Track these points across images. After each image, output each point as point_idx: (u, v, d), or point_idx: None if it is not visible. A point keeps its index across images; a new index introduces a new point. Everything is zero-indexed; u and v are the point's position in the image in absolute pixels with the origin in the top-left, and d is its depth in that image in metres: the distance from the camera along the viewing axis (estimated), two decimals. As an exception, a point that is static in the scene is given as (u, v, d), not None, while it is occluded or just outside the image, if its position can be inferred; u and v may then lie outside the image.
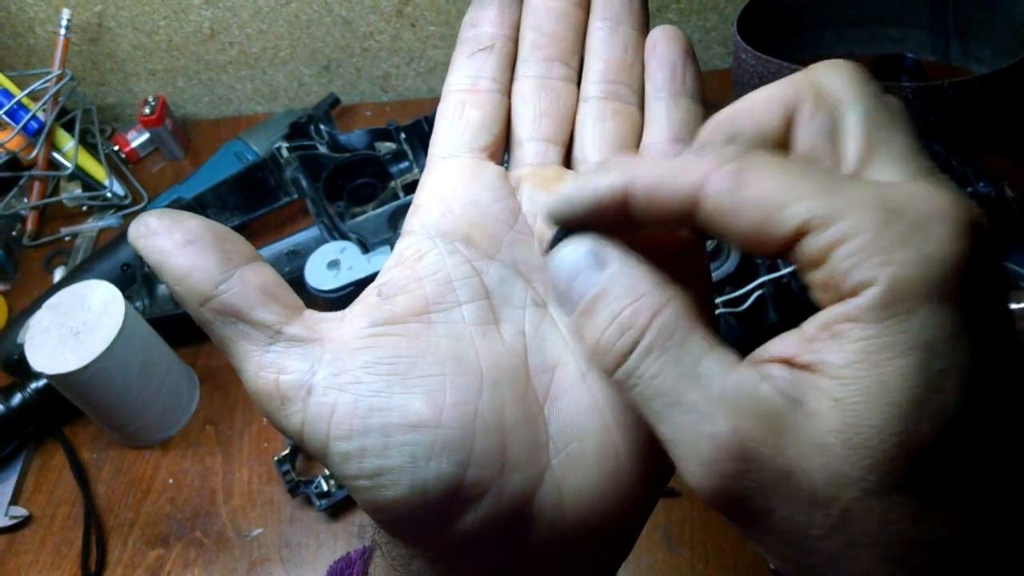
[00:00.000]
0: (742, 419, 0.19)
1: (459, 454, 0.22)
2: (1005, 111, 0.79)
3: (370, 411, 0.22)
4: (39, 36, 1.01)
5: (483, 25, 0.29)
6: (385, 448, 0.22)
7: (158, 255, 0.24)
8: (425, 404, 0.23)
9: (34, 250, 0.96)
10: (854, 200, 0.19)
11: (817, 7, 0.92)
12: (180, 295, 0.24)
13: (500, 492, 0.23)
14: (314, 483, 0.67)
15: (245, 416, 0.77)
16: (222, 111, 1.09)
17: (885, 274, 0.18)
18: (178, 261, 0.23)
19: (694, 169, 0.20)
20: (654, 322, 0.20)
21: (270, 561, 0.67)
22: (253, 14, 0.96)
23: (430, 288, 0.25)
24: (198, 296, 0.23)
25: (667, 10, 0.92)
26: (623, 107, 0.28)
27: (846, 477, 0.18)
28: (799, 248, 0.19)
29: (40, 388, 0.74)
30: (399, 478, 0.22)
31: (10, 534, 0.72)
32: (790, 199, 0.19)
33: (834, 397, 0.19)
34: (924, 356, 0.18)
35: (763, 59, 0.80)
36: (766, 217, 0.19)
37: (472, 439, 0.23)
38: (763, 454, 0.19)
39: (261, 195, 0.85)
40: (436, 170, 0.27)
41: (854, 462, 0.18)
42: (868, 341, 0.18)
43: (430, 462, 0.22)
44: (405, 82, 1.03)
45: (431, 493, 0.22)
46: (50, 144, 0.95)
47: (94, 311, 0.68)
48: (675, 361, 0.20)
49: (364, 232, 0.70)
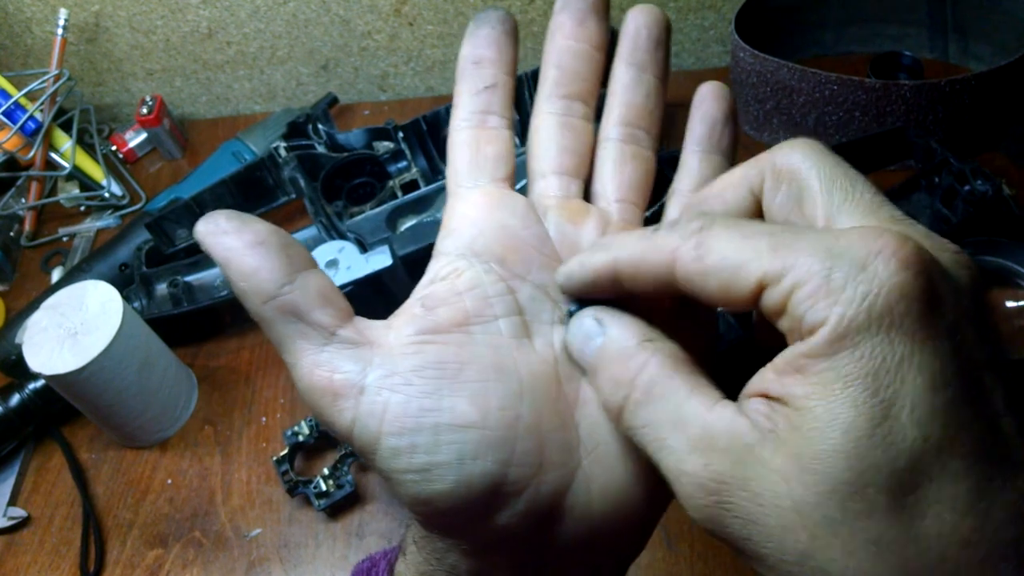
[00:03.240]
0: (714, 456, 0.21)
1: (502, 454, 0.25)
2: (1003, 109, 0.79)
3: (421, 411, 0.24)
4: (36, 36, 1.01)
5: (485, 65, 0.31)
6: (435, 445, 0.24)
7: (226, 252, 0.25)
8: (472, 407, 0.25)
9: (32, 250, 0.96)
10: (802, 251, 0.21)
11: (815, 5, 0.92)
12: (243, 291, 0.25)
13: (537, 490, 0.25)
14: (313, 483, 0.67)
15: (244, 416, 0.77)
16: (220, 111, 1.09)
17: (833, 313, 0.20)
18: (246, 260, 0.25)
19: (665, 245, 0.23)
20: (638, 379, 0.24)
21: (269, 561, 0.67)
22: (251, 13, 0.96)
23: (470, 302, 0.27)
24: (262, 294, 0.25)
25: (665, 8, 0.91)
26: (640, 151, 0.31)
27: (807, 504, 0.20)
28: (762, 301, 0.21)
29: (38, 388, 0.73)
30: (446, 474, 0.24)
31: (9, 535, 0.72)
32: (745, 259, 0.21)
33: (795, 426, 0.20)
34: (871, 384, 0.19)
35: (761, 57, 0.80)
36: (729, 279, 0.22)
37: (514, 441, 0.25)
38: (732, 486, 0.21)
39: (259, 195, 0.85)
40: (463, 198, 0.29)
41: (812, 488, 0.20)
42: (822, 374, 0.20)
43: (476, 460, 0.24)
44: (403, 81, 1.03)
45: (475, 488, 0.24)
46: (47, 144, 0.95)
47: (92, 311, 0.68)
48: (659, 409, 0.23)
49: (362, 231, 0.70)
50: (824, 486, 0.20)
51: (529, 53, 0.97)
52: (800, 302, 0.20)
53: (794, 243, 0.21)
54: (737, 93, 0.88)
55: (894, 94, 0.76)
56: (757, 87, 0.83)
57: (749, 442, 0.21)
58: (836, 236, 0.21)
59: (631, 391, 0.24)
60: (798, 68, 0.78)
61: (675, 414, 0.23)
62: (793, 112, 0.82)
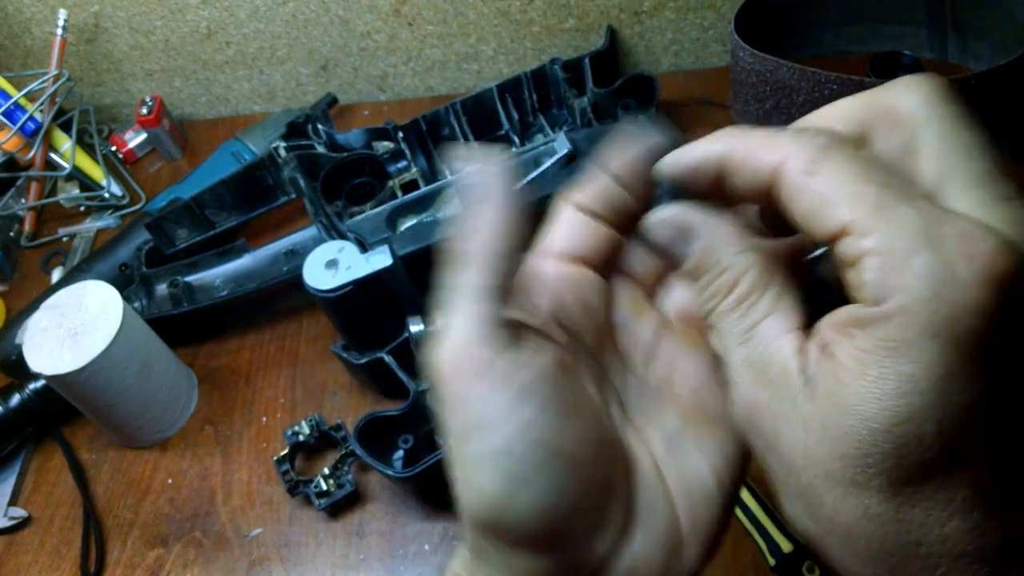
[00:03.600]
0: (761, 381, 0.23)
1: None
2: (1003, 108, 0.79)
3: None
4: (36, 37, 1.01)
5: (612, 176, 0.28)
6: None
7: None
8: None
9: (32, 251, 0.96)
10: (896, 219, 0.20)
11: (814, 4, 0.92)
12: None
13: (589, 546, 0.25)
14: (313, 483, 0.67)
15: (244, 416, 0.77)
16: (219, 111, 1.09)
17: (896, 299, 0.19)
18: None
19: (781, 147, 0.23)
20: (733, 293, 0.24)
21: (269, 561, 0.67)
22: (250, 13, 0.96)
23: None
24: None
25: (664, 7, 0.92)
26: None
27: (814, 457, 0.21)
28: (838, 245, 0.21)
29: (38, 389, 0.73)
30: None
31: (9, 535, 0.72)
32: (842, 199, 0.21)
33: (828, 390, 0.21)
34: (907, 388, 0.19)
35: (760, 57, 0.80)
36: (818, 208, 0.21)
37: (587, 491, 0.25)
38: (764, 415, 0.23)
39: (259, 195, 0.85)
40: (548, 268, 0.29)
41: (823, 446, 0.21)
42: (863, 354, 0.20)
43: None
44: (403, 81, 1.03)
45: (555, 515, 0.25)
46: (47, 145, 0.95)
47: (92, 312, 0.68)
48: (739, 321, 0.24)
49: (362, 231, 0.70)
50: (833, 451, 0.20)
51: (529, 53, 0.97)
52: (871, 268, 0.20)
53: (896, 207, 0.20)
54: (737, 92, 0.88)
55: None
56: (757, 86, 0.83)
57: (792, 384, 0.22)
58: (940, 221, 0.20)
59: (722, 302, 0.24)
60: (798, 67, 0.78)
61: (751, 328, 0.23)
62: (793, 111, 0.82)
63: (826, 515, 0.21)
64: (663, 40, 0.96)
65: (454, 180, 0.69)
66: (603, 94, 0.85)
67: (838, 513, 0.21)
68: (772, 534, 0.60)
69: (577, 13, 0.93)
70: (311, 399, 0.76)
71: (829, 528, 0.22)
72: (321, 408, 0.75)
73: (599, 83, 0.86)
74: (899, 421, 0.19)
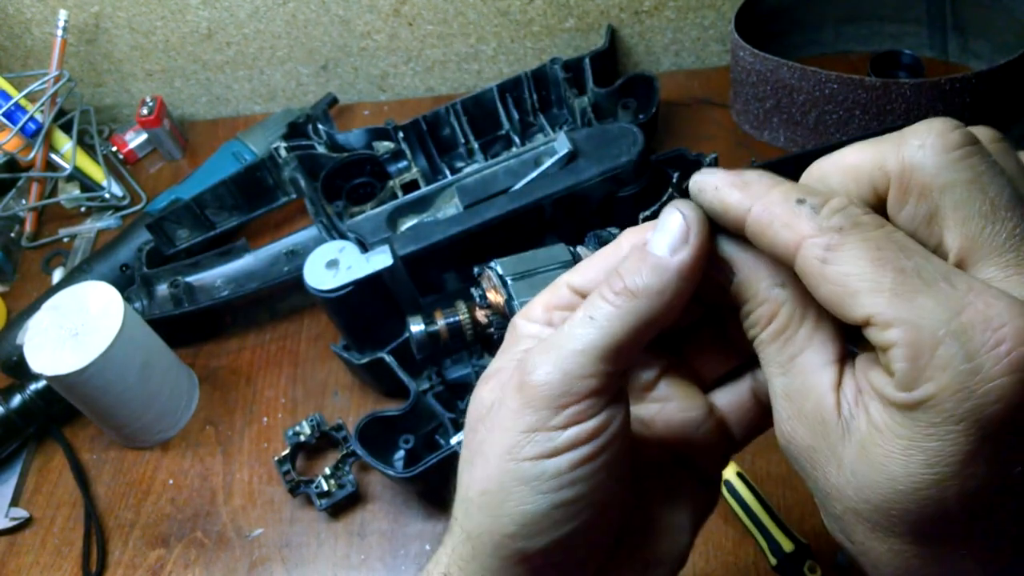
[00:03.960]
0: (797, 415, 0.24)
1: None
2: (1003, 107, 0.79)
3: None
4: (36, 37, 1.01)
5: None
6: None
7: None
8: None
9: (33, 251, 0.96)
10: (916, 310, 0.20)
11: (814, 4, 0.92)
12: None
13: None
14: (314, 483, 0.67)
15: (245, 416, 0.77)
16: (220, 111, 1.09)
17: (923, 389, 0.20)
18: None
19: (798, 228, 0.23)
20: (771, 324, 0.25)
21: (270, 561, 0.67)
22: (250, 14, 0.96)
23: None
24: None
25: (665, 7, 0.92)
26: None
27: (846, 495, 0.23)
28: (865, 332, 0.22)
29: (39, 389, 0.74)
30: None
31: (10, 535, 0.72)
32: (860, 288, 0.21)
33: (861, 439, 0.22)
34: (932, 459, 0.20)
35: (760, 56, 0.80)
36: (841, 298, 0.22)
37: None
38: (800, 447, 0.24)
39: (259, 195, 0.85)
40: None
41: (853, 489, 0.22)
42: (894, 423, 0.21)
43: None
44: (403, 81, 1.03)
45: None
46: (48, 145, 0.95)
47: (93, 312, 0.68)
48: (778, 352, 0.25)
49: (363, 231, 0.70)
50: (860, 495, 0.22)
51: (529, 53, 0.97)
52: (899, 360, 0.20)
53: (915, 297, 0.20)
54: (737, 92, 0.88)
55: (894, 92, 0.76)
56: (757, 86, 0.83)
57: (828, 421, 0.23)
58: (961, 306, 0.20)
59: (762, 331, 0.25)
60: (798, 67, 0.78)
61: (792, 358, 0.24)
62: (793, 111, 0.82)
63: (859, 540, 0.23)
64: (663, 40, 0.96)
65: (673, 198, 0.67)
66: (603, 94, 0.85)
67: (868, 542, 0.23)
68: (773, 534, 0.60)
69: (577, 13, 0.93)
70: (312, 399, 0.76)
71: (862, 551, 0.23)
72: (322, 408, 0.75)
73: (599, 83, 0.86)
74: (923, 487, 0.20)
